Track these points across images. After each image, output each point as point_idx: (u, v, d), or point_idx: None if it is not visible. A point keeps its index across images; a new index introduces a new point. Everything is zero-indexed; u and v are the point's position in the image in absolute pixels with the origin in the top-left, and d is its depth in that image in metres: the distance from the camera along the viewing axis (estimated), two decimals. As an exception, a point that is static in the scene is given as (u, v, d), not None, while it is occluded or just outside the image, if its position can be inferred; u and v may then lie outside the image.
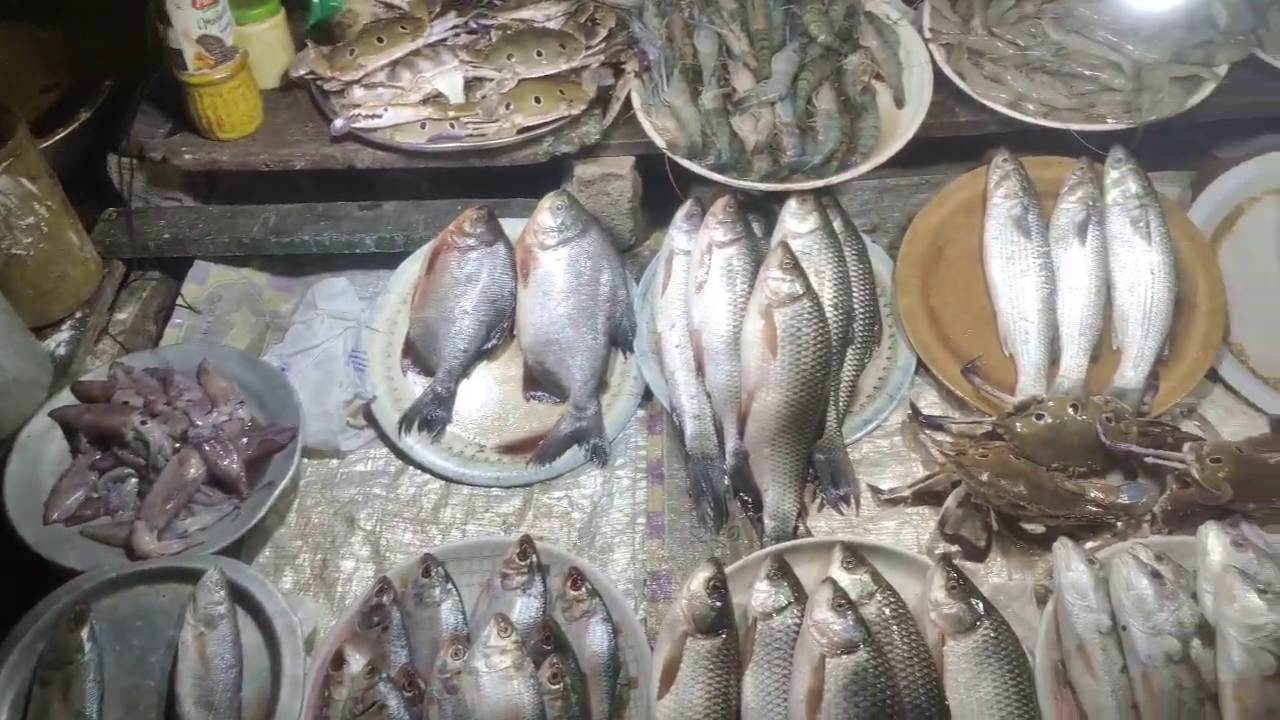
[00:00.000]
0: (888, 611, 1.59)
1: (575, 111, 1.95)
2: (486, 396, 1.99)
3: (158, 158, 2.00)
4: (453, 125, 1.94)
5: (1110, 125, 1.98)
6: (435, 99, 1.96)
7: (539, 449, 1.91)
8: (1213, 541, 1.56)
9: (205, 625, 1.60)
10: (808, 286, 1.83)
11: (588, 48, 1.98)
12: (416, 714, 1.54)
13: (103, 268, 2.07)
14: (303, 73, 1.97)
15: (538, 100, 1.93)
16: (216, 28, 1.85)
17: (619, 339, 2.00)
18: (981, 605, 1.57)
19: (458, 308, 1.98)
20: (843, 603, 1.54)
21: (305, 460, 1.92)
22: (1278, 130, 2.11)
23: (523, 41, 1.97)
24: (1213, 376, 1.92)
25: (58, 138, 2.02)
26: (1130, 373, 1.87)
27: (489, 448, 1.94)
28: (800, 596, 1.60)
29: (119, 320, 2.07)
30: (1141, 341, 1.88)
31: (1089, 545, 1.69)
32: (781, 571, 1.64)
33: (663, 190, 2.07)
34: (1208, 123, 2.10)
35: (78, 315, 2.03)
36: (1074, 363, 1.89)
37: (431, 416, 1.93)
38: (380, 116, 1.93)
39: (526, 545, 1.69)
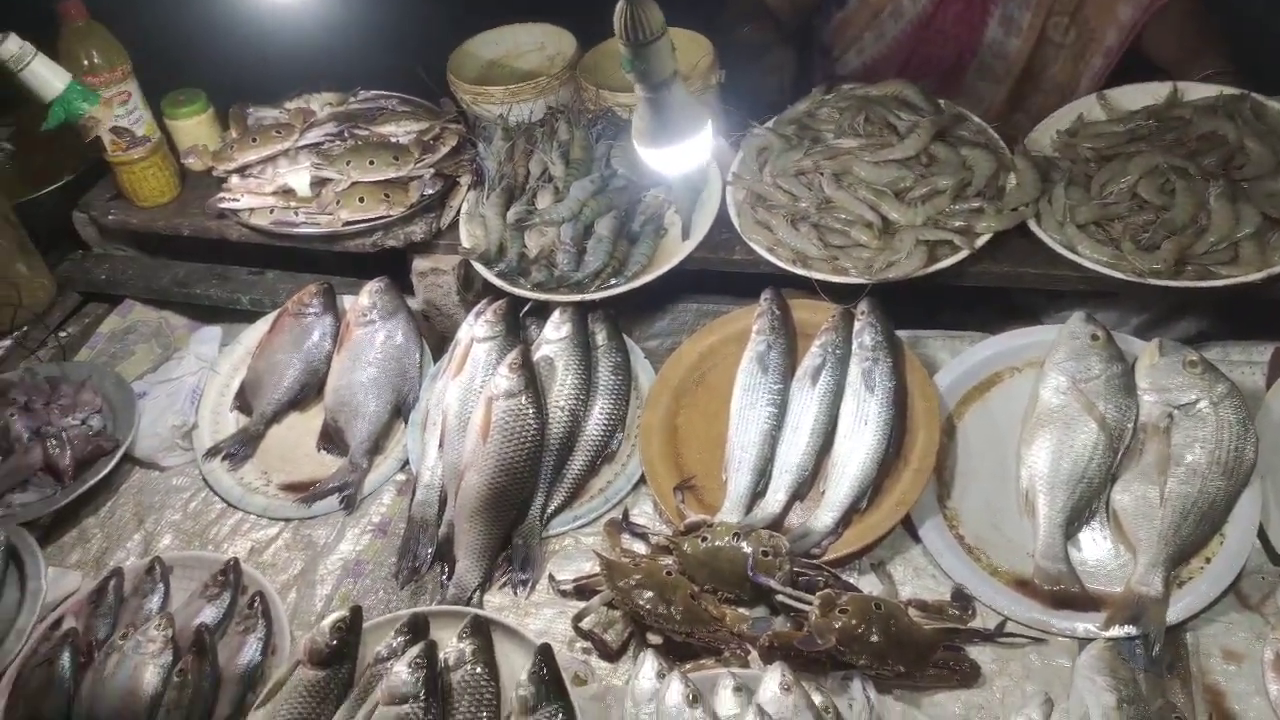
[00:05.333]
0: (469, 679, 1.72)
1: (394, 212, 2.29)
2: (288, 441, 2.31)
3: (92, 216, 2.54)
4: (295, 214, 2.34)
5: (848, 279, 2.05)
6: (286, 192, 2.37)
7: (309, 492, 2.20)
8: (768, 679, 1.59)
9: (-26, 575, 2.01)
10: (526, 385, 2.03)
11: (419, 161, 2.32)
12: (81, 676, 1.84)
13: (54, 296, 2.61)
14: (190, 161, 2.45)
15: (361, 200, 2.29)
16: (127, 121, 2.37)
17: (403, 410, 2.27)
18: (550, 691, 1.68)
19: (282, 363, 2.33)
20: (420, 661, 1.69)
21: (135, 468, 2.31)
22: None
23: (362, 151, 2.34)
24: (916, 536, 1.91)
25: (41, 193, 2.60)
26: (825, 516, 1.90)
27: (273, 483, 2.24)
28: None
29: (62, 337, 2.60)
30: (840, 487, 1.91)
31: (690, 664, 1.75)
32: (409, 629, 1.82)
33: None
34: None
35: (24, 329, 2.56)
36: (774, 497, 1.95)
37: (235, 451, 2.27)
38: (239, 200, 2.37)
39: (229, 566, 1.98)
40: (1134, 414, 1.86)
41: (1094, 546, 1.83)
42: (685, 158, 1.88)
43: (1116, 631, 1.68)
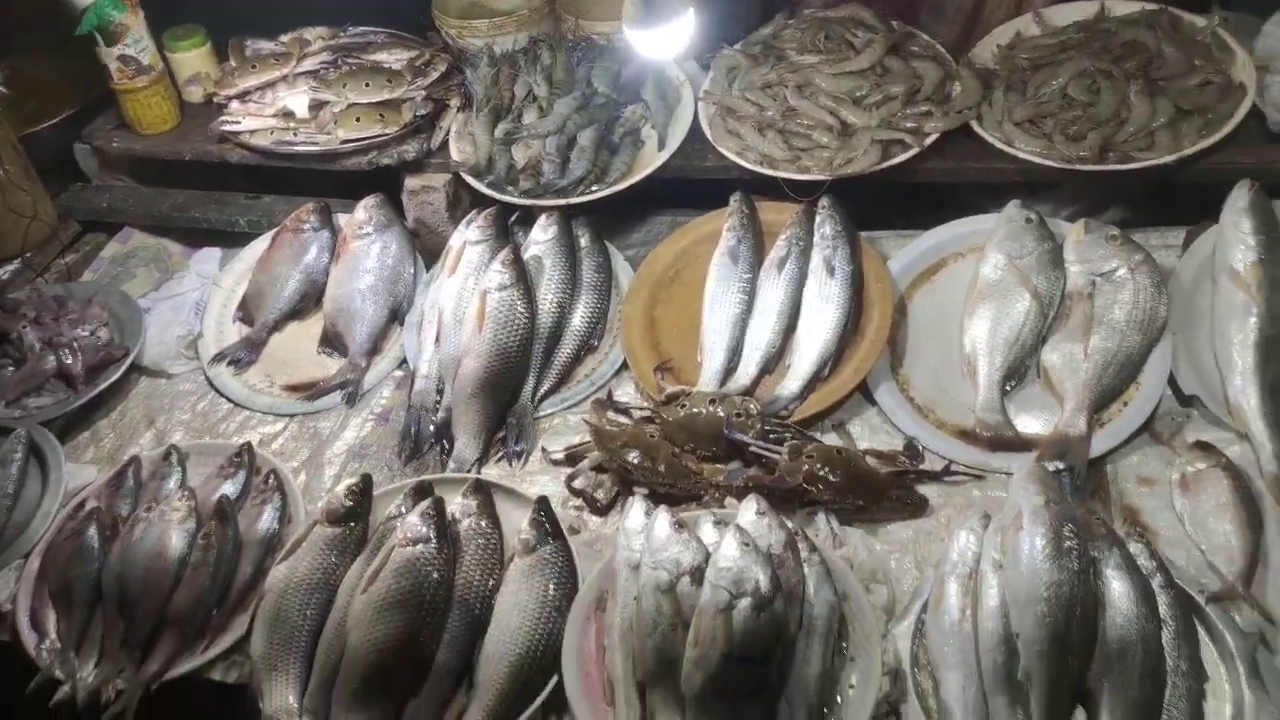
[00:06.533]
0: (474, 529, 1.90)
1: (389, 131, 2.46)
2: (289, 346, 2.47)
3: (96, 145, 2.68)
4: (294, 134, 2.50)
5: (811, 176, 2.26)
6: (286, 114, 2.53)
7: (314, 390, 2.36)
8: (744, 506, 1.78)
9: (1, 465, 2.15)
10: (517, 279, 2.22)
11: (411, 84, 2.49)
12: (109, 546, 1.99)
13: (58, 225, 2.74)
14: (192, 89, 2.60)
15: (358, 119, 2.46)
16: (133, 50, 2.52)
17: (398, 314, 2.44)
18: (550, 532, 1.86)
19: (282, 275, 2.49)
20: (430, 511, 1.87)
21: (143, 376, 2.46)
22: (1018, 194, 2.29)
23: (358, 75, 2.50)
24: (872, 400, 2.12)
25: (44, 126, 2.73)
26: (791, 384, 2.10)
27: (277, 384, 2.39)
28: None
29: (63, 263, 2.73)
30: (805, 359, 2.12)
31: (679, 508, 1.93)
32: (415, 493, 1.99)
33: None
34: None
35: (27, 255, 2.69)
36: (745, 371, 2.15)
37: (240, 356, 2.42)
38: (240, 123, 2.53)
39: (243, 449, 2.14)
40: (1062, 284, 2.09)
41: (1026, 400, 2.05)
42: (669, 38, 2.09)
43: (1047, 464, 1.90)
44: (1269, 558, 1.72)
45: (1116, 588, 1.59)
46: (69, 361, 2.36)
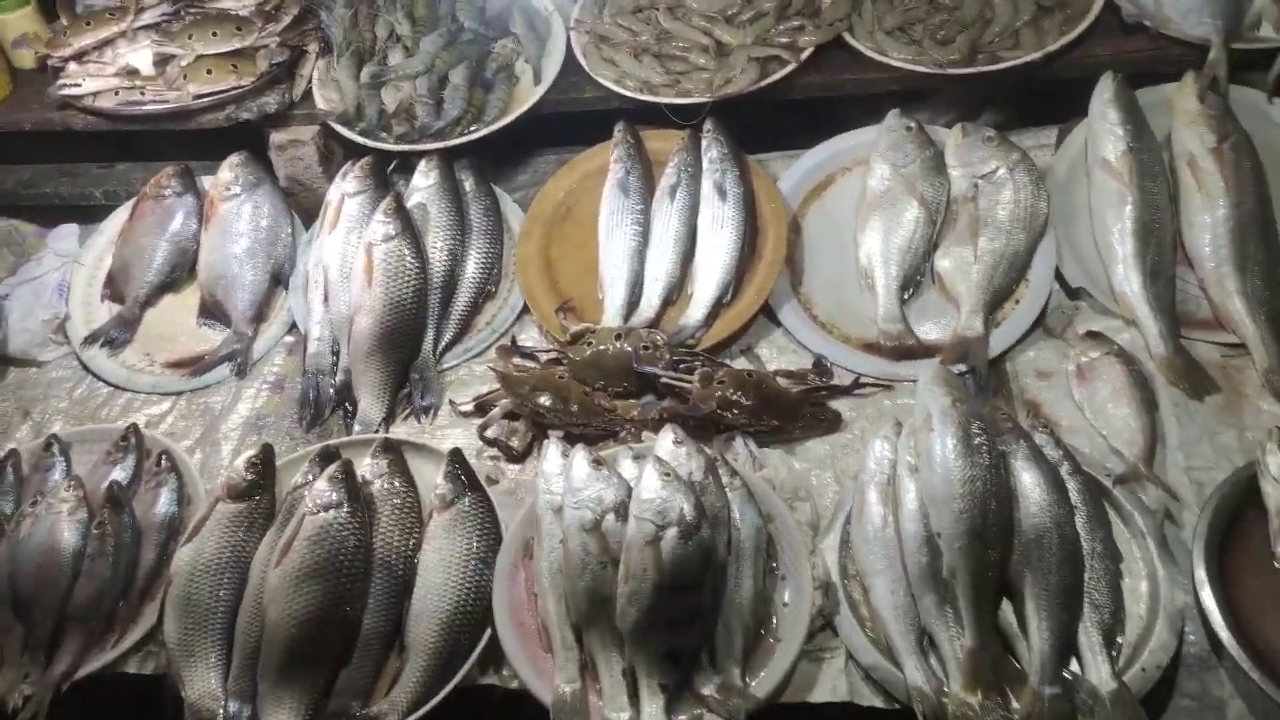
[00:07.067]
0: (388, 489, 1.85)
1: (244, 82, 2.31)
2: (165, 320, 2.33)
3: (-78, 120, 2.45)
4: (142, 93, 2.33)
5: (692, 100, 2.23)
6: (130, 73, 2.35)
7: (199, 365, 2.24)
8: (661, 437, 1.78)
9: None
10: (403, 229, 2.14)
11: (263, 30, 2.34)
12: (-8, 550, 1.88)
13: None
14: (21, 51, 2.39)
15: (209, 72, 2.30)
16: (-56, 16, 2.30)
17: (280, 277, 2.33)
18: (467, 484, 1.83)
19: (148, 246, 2.34)
20: (338, 475, 1.80)
21: (10, 368, 2.30)
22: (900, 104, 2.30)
23: (204, 24, 2.34)
24: (776, 321, 2.13)
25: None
26: (695, 313, 2.09)
27: (158, 363, 2.27)
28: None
29: (-98, 256, 2.51)
30: (706, 286, 2.11)
31: (597, 446, 1.92)
32: (320, 459, 1.92)
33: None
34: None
35: None
36: (647, 304, 2.13)
37: (113, 336, 2.28)
38: (80, 85, 2.34)
39: (129, 431, 2.03)
40: (946, 189, 2.13)
41: (924, 307, 2.09)
42: None
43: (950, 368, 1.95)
44: (1166, 437, 1.81)
45: (1027, 479, 1.65)
46: (-77, 361, 2.19)
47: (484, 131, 2.28)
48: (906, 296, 2.08)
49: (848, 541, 1.74)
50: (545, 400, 1.96)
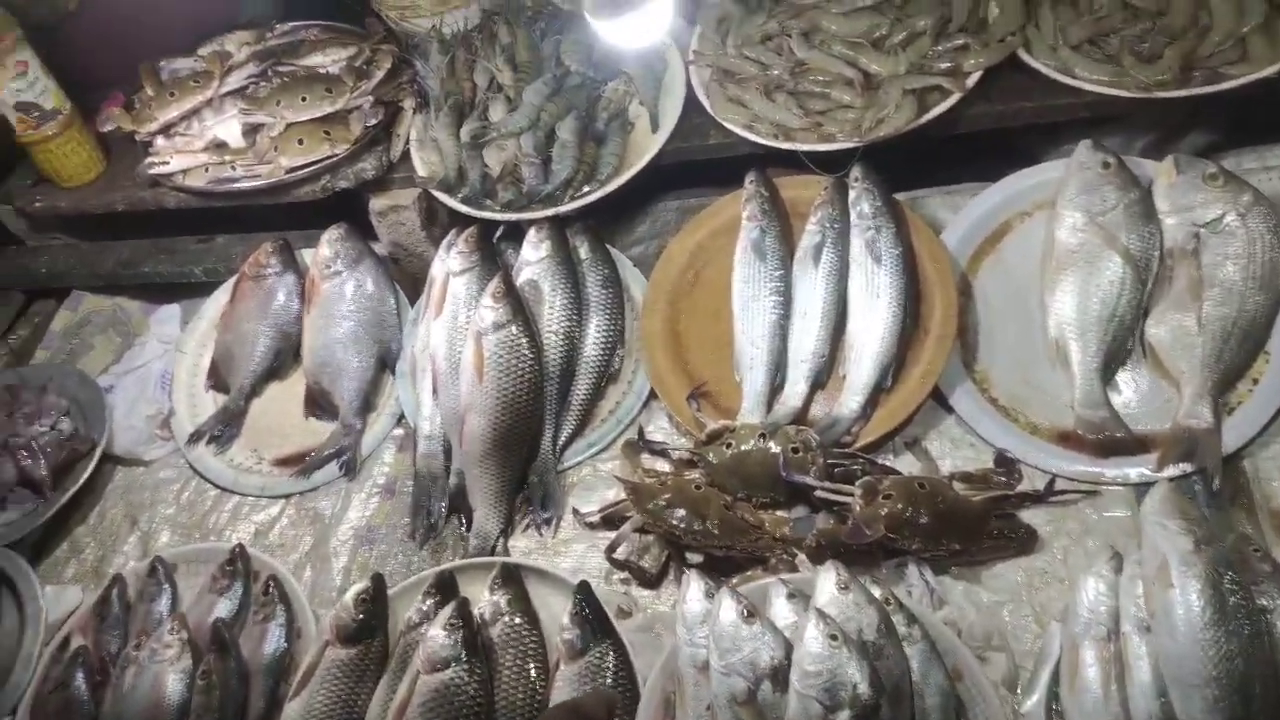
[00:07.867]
0: (509, 632, 1.64)
1: (339, 150, 2.11)
2: (272, 412, 2.18)
3: (17, 206, 2.34)
4: (232, 168, 2.16)
5: (837, 145, 1.90)
6: (218, 146, 2.18)
7: (306, 463, 2.08)
8: (822, 580, 1.51)
9: (-36, 603, 1.90)
10: (514, 314, 1.90)
11: (355, 90, 2.13)
12: (100, 695, 1.76)
13: (-1, 298, 2.44)
14: (108, 128, 2.25)
15: (301, 142, 2.11)
16: (31, 94, 2.16)
17: (388, 361, 2.14)
18: (596, 628, 1.60)
19: (250, 332, 2.18)
20: (455, 622, 1.60)
21: (117, 467, 2.18)
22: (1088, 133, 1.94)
23: (292, 88, 2.14)
24: (948, 407, 1.81)
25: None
26: (850, 401, 1.80)
27: (266, 460, 2.12)
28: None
29: (13, 341, 2.44)
30: (861, 369, 1.81)
31: (737, 577, 1.66)
32: (436, 589, 1.73)
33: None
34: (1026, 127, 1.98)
35: (-33, 342, 2.40)
36: (793, 390, 1.84)
37: (219, 432, 2.14)
38: (169, 164, 2.18)
39: (235, 554, 1.87)
40: (1158, 240, 1.75)
41: (1134, 387, 1.73)
42: (644, 26, 1.70)
43: (1172, 471, 1.60)
44: None
45: (1298, 648, 1.31)
46: (29, 465, 2.09)
47: (598, 194, 2.02)
48: (1110, 374, 1.73)
49: (1056, 707, 1.43)
50: (680, 517, 1.71)
